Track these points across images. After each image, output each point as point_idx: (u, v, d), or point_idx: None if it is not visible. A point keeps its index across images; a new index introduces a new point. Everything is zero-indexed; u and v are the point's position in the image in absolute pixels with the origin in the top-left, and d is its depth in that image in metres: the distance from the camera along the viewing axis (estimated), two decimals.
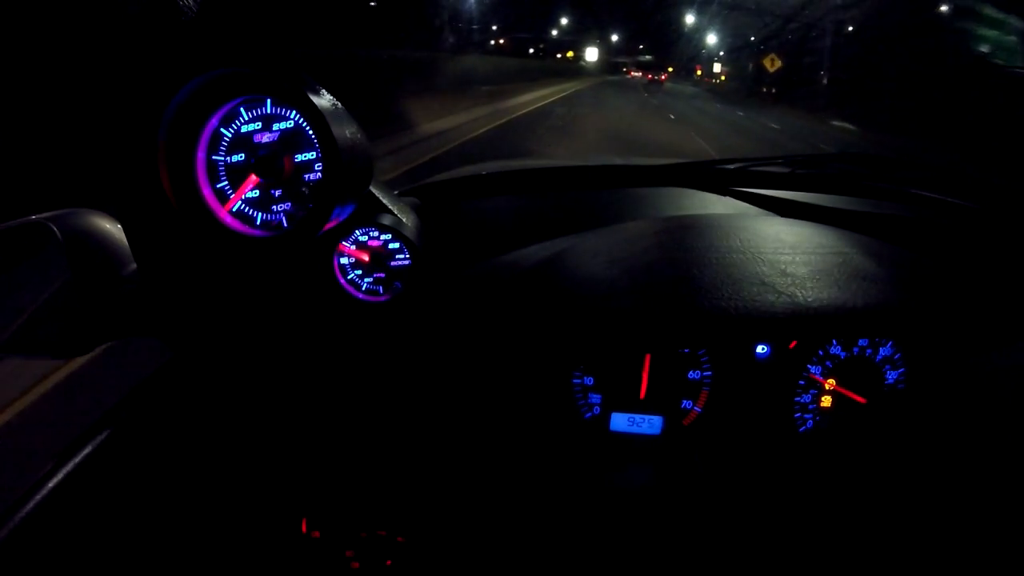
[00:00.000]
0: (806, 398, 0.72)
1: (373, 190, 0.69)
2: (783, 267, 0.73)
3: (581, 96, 18.67)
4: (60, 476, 0.55)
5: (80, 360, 0.57)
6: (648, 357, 0.70)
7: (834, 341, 0.71)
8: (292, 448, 0.70)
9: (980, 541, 0.65)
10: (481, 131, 8.40)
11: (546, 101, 15.05)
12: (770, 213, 0.91)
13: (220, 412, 0.69)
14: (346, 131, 0.55)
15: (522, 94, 14.80)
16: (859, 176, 1.00)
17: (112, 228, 0.60)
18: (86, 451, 0.57)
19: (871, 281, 0.71)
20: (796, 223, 0.86)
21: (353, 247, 0.71)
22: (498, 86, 13.68)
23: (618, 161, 1.13)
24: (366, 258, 0.70)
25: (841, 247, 0.78)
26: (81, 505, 0.56)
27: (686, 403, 0.72)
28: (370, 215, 0.70)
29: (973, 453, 0.70)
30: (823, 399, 0.72)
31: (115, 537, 0.59)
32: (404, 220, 0.72)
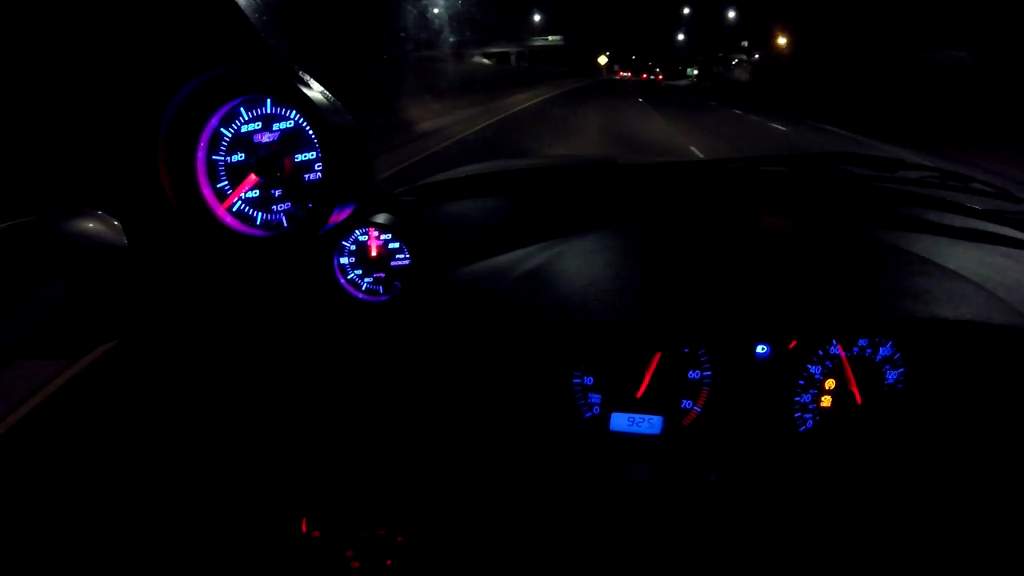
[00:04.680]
0: (806, 398, 0.72)
1: (373, 190, 0.69)
2: (783, 267, 0.73)
3: None
4: (60, 475, 0.55)
5: (80, 360, 0.57)
6: (658, 356, 0.70)
7: (834, 341, 0.71)
8: (292, 448, 0.70)
9: (980, 540, 0.65)
10: None
11: None
12: (770, 213, 0.91)
13: (220, 411, 0.69)
14: (346, 131, 0.55)
15: None
16: (860, 176, 1.00)
17: (112, 228, 0.60)
18: (86, 450, 0.57)
19: (872, 281, 0.71)
20: (796, 223, 0.86)
21: (353, 247, 0.71)
22: None
23: (619, 160, 1.13)
24: (372, 255, 0.70)
25: (842, 247, 0.78)
26: (81, 504, 0.56)
27: (686, 403, 0.72)
28: (370, 215, 0.70)
29: (972, 453, 0.70)
30: (823, 399, 0.72)
31: (115, 536, 0.59)
32: (404, 220, 0.72)
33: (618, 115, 13.83)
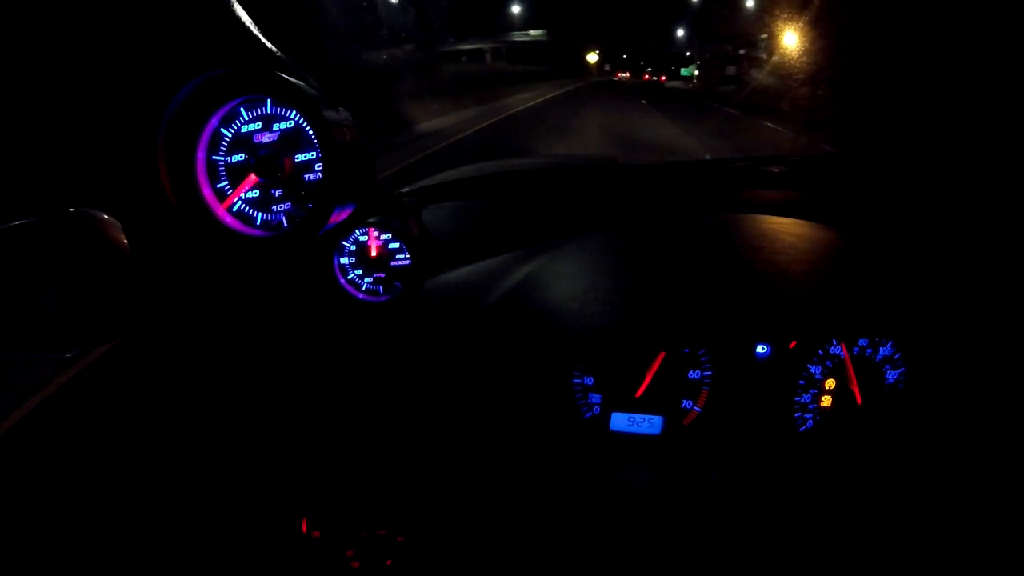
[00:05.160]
0: (806, 398, 0.72)
1: (373, 190, 0.69)
2: (783, 267, 0.73)
3: None
4: (59, 476, 0.55)
5: (80, 360, 0.57)
6: (661, 356, 0.70)
7: (834, 341, 0.71)
8: (292, 448, 0.70)
9: (979, 539, 0.65)
10: None
11: None
12: (770, 213, 0.91)
13: (220, 412, 0.69)
14: (346, 131, 0.55)
15: None
16: (862, 176, 1.00)
17: (112, 228, 0.60)
18: (85, 451, 0.57)
19: (871, 281, 0.71)
20: (796, 223, 0.86)
21: (353, 247, 0.71)
22: None
23: (619, 160, 1.13)
24: (373, 255, 0.70)
25: (842, 247, 0.78)
26: (82, 505, 0.56)
27: (686, 403, 0.72)
28: (370, 215, 0.70)
29: (972, 453, 0.70)
30: (823, 399, 0.72)
31: (116, 537, 0.59)
32: (404, 220, 0.72)
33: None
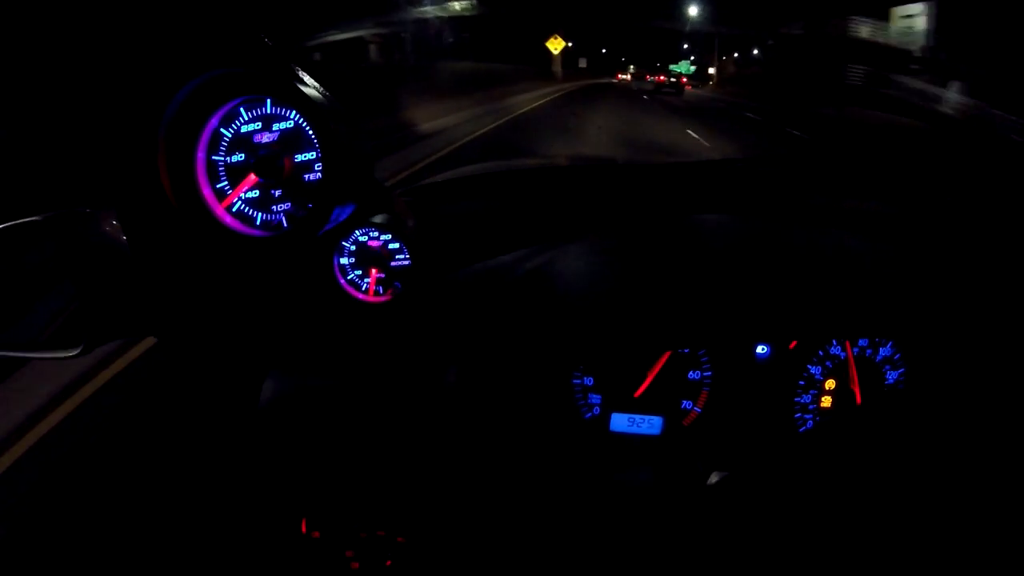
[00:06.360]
0: (806, 398, 0.72)
1: (373, 190, 0.69)
2: (783, 267, 0.73)
3: None
4: (60, 476, 0.55)
5: (80, 360, 0.57)
6: (665, 356, 0.70)
7: (834, 341, 0.71)
8: (292, 449, 0.70)
9: (980, 540, 0.65)
10: None
11: None
12: (770, 213, 0.91)
13: (220, 412, 0.69)
14: (346, 131, 0.55)
15: None
16: (862, 176, 1.00)
17: (112, 228, 0.60)
18: (86, 451, 0.57)
19: (871, 281, 0.71)
20: (796, 223, 0.86)
21: (353, 247, 0.71)
22: None
23: (619, 161, 1.13)
24: (372, 255, 0.71)
25: (842, 248, 0.78)
26: (82, 505, 0.56)
27: (686, 403, 0.72)
28: (370, 215, 0.70)
29: (973, 453, 0.70)
30: (823, 399, 0.72)
31: (116, 537, 0.59)
32: (404, 220, 0.72)
33: None
